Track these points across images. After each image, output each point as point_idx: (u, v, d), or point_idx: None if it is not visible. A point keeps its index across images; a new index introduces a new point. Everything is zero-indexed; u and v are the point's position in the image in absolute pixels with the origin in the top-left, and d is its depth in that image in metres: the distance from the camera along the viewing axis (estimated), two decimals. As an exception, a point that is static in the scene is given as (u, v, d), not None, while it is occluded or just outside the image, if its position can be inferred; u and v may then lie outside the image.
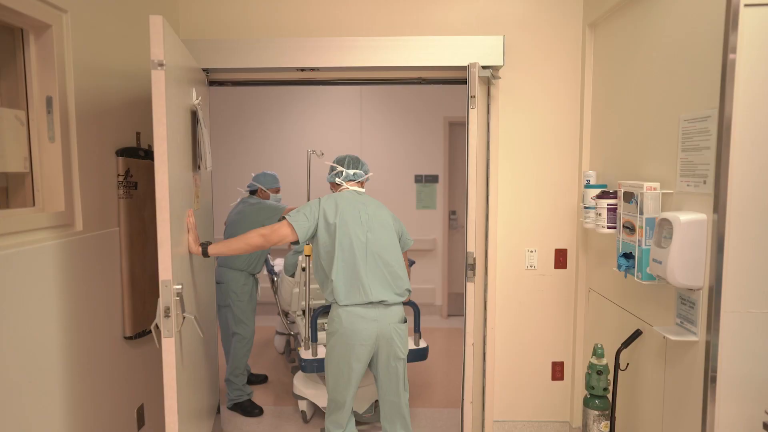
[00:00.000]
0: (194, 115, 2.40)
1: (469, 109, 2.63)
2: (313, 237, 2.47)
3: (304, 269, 3.57)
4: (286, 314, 4.33)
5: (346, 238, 2.40)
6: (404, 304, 2.63)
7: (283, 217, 2.44)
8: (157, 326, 1.95)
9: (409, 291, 2.52)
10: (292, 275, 4.01)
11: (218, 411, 3.26)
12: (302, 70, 2.96)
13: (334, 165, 2.66)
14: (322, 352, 3.09)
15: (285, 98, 5.82)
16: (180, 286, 1.95)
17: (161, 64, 1.84)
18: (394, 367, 2.49)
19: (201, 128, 2.39)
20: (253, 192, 3.79)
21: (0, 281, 1.65)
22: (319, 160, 4.38)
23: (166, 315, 1.89)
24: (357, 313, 2.39)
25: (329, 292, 2.44)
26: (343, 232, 2.40)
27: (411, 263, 3.60)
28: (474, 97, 2.63)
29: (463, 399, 2.68)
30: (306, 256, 3.39)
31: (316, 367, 3.06)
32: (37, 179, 1.97)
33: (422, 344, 3.26)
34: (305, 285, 3.54)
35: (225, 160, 5.75)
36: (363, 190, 2.65)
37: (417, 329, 3.25)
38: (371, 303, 2.41)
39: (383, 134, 5.81)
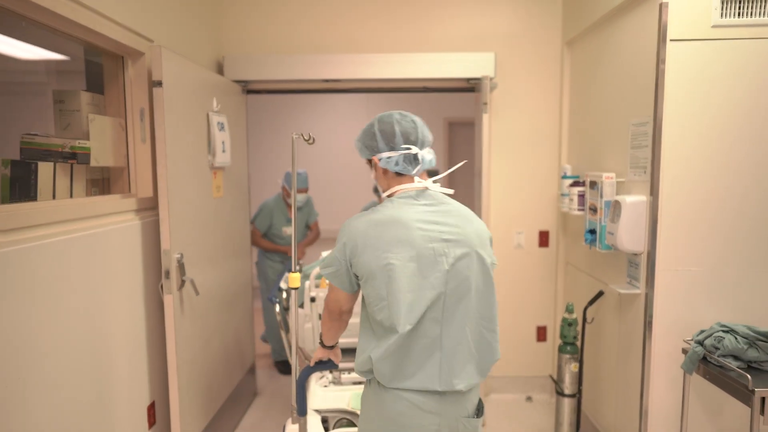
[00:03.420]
0: (208, 119, 2.87)
1: (483, 114, 3.23)
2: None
3: (313, 299, 2.75)
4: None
5: (404, 293, 1.45)
6: None
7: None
8: (161, 286, 2.45)
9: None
10: (302, 305, 2.93)
11: (254, 371, 3.85)
12: (326, 81, 3.54)
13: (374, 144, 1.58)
14: (315, 429, 2.23)
15: (302, 102, 6.39)
16: (180, 255, 2.45)
17: (159, 83, 2.36)
18: None
19: (213, 130, 2.87)
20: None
21: (106, 250, 2.21)
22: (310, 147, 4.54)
23: (167, 276, 2.41)
24: (411, 401, 1.52)
25: (367, 369, 1.57)
26: (394, 284, 1.45)
27: None
28: (486, 104, 3.22)
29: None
30: (293, 289, 2.26)
31: None
32: (132, 171, 2.54)
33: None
34: (319, 318, 2.71)
35: (254, 157, 6.32)
36: (428, 183, 1.59)
37: None
38: (438, 392, 1.53)
39: (389, 133, 6.36)
